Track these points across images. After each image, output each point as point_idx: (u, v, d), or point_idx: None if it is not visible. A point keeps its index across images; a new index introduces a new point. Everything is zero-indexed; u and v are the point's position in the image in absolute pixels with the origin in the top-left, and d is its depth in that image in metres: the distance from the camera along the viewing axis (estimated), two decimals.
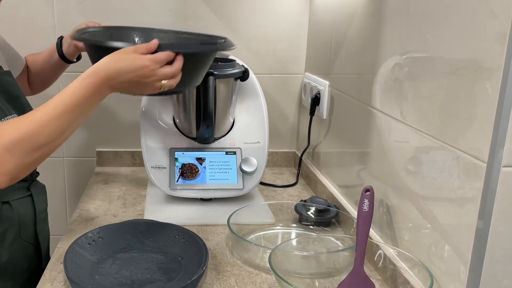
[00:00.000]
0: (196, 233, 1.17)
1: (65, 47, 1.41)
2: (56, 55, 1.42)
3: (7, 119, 1.12)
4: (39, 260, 1.27)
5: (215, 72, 1.37)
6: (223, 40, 1.21)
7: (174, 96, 1.47)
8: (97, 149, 1.78)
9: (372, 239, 1.13)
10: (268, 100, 1.57)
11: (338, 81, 1.46)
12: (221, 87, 1.42)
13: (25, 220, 1.21)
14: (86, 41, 1.14)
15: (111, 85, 0.98)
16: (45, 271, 1.10)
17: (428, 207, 0.96)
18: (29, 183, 1.25)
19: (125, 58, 0.98)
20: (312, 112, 1.62)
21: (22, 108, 1.19)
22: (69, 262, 1.03)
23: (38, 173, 1.31)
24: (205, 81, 1.34)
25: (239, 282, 1.08)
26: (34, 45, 1.53)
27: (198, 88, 1.38)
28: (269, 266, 1.00)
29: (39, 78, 1.48)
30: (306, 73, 1.78)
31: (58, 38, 1.43)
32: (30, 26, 1.63)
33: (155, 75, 1.00)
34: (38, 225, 1.26)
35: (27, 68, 1.46)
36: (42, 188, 1.31)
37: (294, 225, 1.35)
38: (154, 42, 1.01)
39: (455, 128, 0.87)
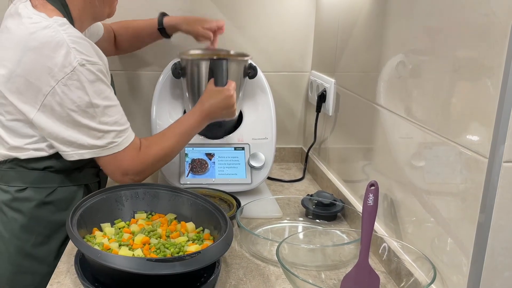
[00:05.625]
0: None
1: (167, 23, 1.55)
2: (155, 28, 1.55)
3: None
4: None
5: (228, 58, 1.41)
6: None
7: (184, 85, 1.49)
8: None
9: (376, 233, 1.14)
10: (276, 97, 1.59)
11: (344, 78, 1.48)
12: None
13: None
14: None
15: (210, 117, 1.32)
16: (59, 263, 1.13)
17: (431, 201, 0.97)
18: (98, 170, 1.33)
19: (217, 95, 1.33)
20: (318, 109, 1.63)
21: None
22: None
23: None
24: (219, 64, 1.38)
25: (247, 274, 1.10)
26: None
27: (210, 70, 1.41)
28: (276, 258, 1.02)
29: (128, 43, 1.62)
30: (312, 71, 1.79)
31: (161, 14, 1.56)
32: None
33: (234, 100, 1.35)
34: None
35: (113, 32, 1.59)
36: (107, 177, 1.40)
37: (301, 219, 1.37)
38: (234, 84, 1.36)
39: (457, 124, 0.89)
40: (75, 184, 1.27)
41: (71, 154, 1.16)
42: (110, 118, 1.15)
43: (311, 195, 1.40)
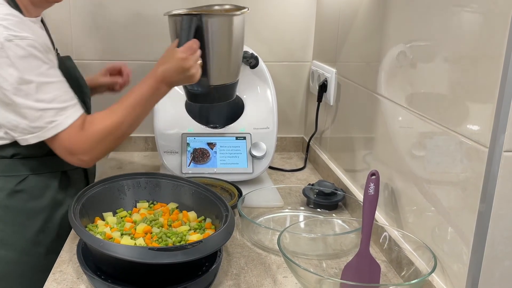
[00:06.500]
0: None
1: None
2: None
3: None
4: None
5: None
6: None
7: None
8: None
9: (377, 222, 1.15)
10: (277, 87, 1.59)
11: (345, 68, 1.48)
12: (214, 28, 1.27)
13: (79, 189, 1.20)
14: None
15: (166, 82, 1.18)
16: (61, 252, 1.13)
17: (431, 190, 0.98)
18: None
19: (169, 58, 1.18)
20: (319, 99, 1.63)
21: (81, 90, 1.28)
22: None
23: None
24: (182, 21, 1.23)
25: (249, 263, 1.11)
26: None
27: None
28: (278, 247, 1.02)
29: None
30: (314, 60, 1.79)
31: None
32: None
33: (192, 62, 1.18)
34: None
35: None
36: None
37: (302, 208, 1.38)
38: (195, 45, 1.20)
39: (458, 114, 0.89)
40: (49, 171, 1.25)
41: (19, 140, 1.13)
42: (47, 95, 1.10)
43: (312, 185, 1.41)
